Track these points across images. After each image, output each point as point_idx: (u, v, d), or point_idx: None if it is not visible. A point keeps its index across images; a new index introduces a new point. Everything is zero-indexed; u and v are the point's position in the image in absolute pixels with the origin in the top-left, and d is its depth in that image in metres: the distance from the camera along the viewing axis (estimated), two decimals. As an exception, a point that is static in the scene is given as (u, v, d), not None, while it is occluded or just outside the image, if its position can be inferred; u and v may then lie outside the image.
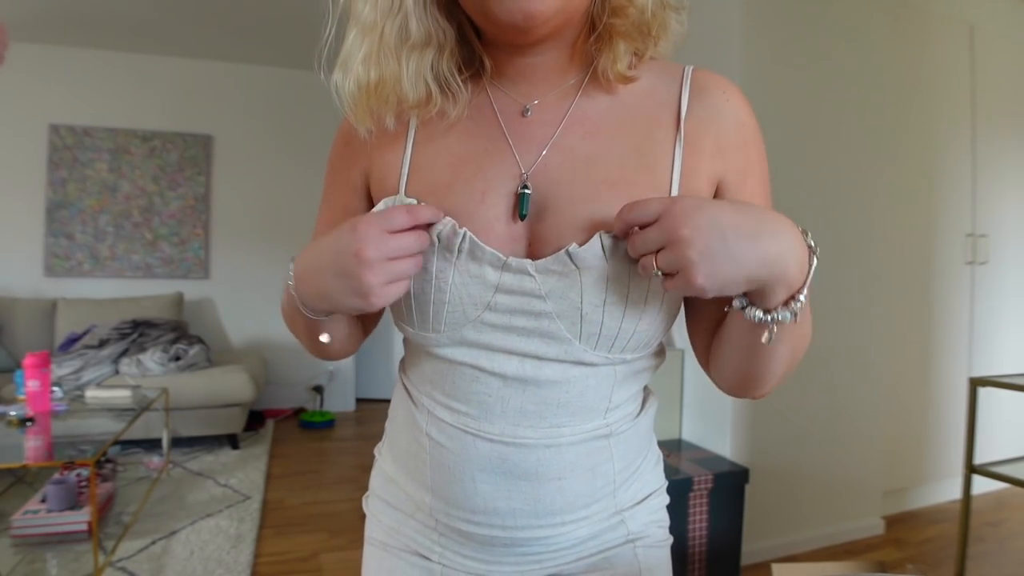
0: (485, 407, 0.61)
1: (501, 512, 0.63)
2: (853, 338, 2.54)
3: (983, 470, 2.00)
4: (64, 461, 2.02)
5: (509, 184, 0.60)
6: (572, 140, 0.61)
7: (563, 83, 0.63)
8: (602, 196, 0.58)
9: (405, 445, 0.69)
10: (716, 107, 0.62)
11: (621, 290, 0.57)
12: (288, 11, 3.67)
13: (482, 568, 0.67)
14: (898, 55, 2.66)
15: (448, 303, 0.59)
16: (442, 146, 0.63)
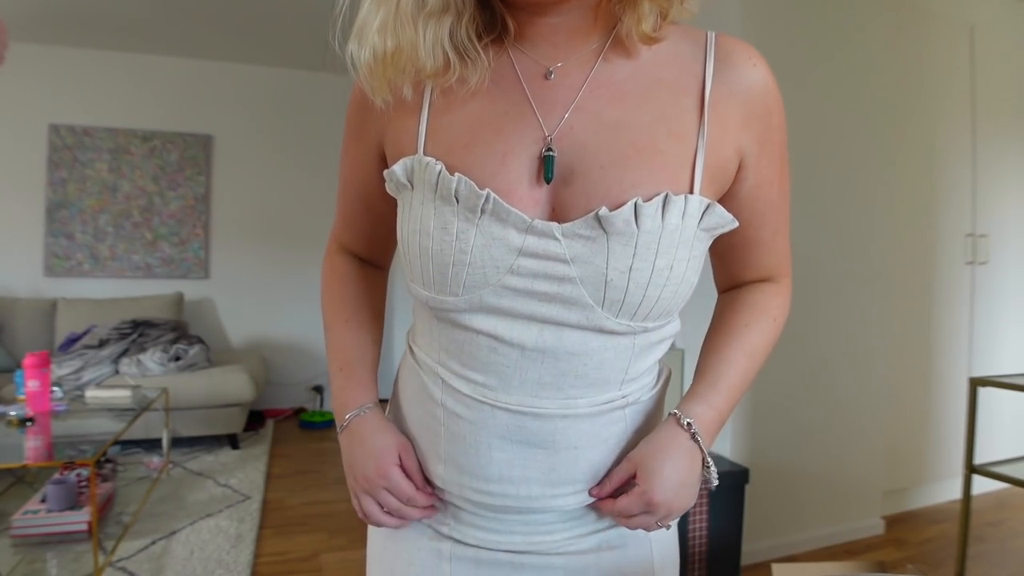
0: (503, 378, 0.61)
1: (516, 480, 0.63)
2: (853, 338, 2.54)
3: (983, 470, 2.00)
4: (64, 461, 2.02)
5: (531, 147, 0.58)
6: (598, 104, 0.59)
7: (587, 46, 0.61)
8: (630, 161, 0.57)
9: (416, 418, 0.68)
10: (743, 76, 0.61)
11: (648, 256, 0.56)
12: (288, 11, 3.68)
13: (492, 539, 0.66)
14: (898, 55, 2.66)
15: (469, 265, 0.57)
16: (461, 109, 0.60)
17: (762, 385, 2.36)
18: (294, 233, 4.68)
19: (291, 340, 4.68)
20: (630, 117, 0.59)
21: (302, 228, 4.71)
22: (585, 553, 0.67)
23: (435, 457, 0.66)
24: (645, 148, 0.58)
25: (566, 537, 0.66)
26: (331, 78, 4.76)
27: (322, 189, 4.75)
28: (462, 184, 0.56)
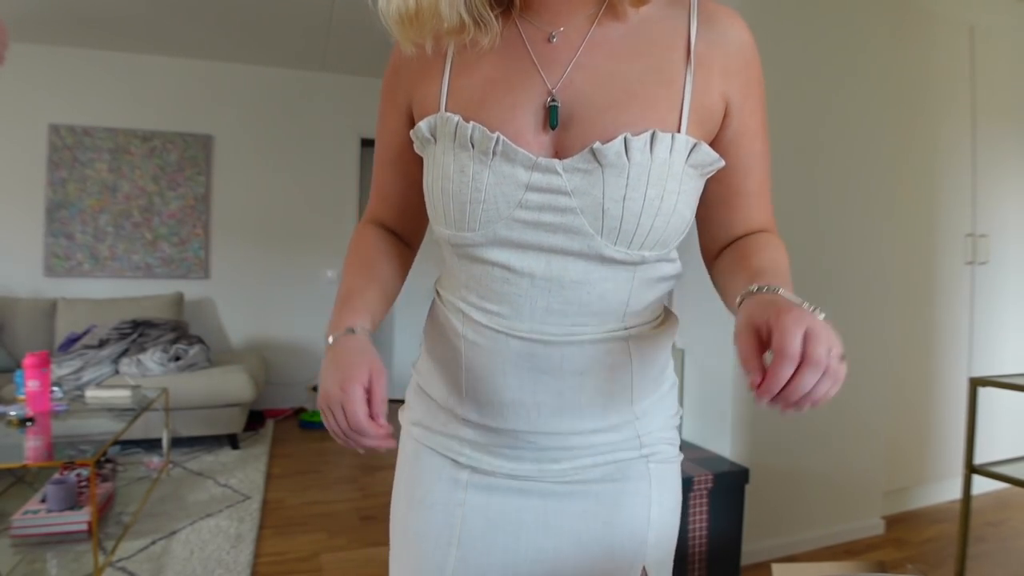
0: (515, 307, 0.67)
1: (527, 405, 0.69)
2: (853, 338, 2.54)
3: (983, 470, 1.99)
4: (64, 461, 2.02)
5: (537, 100, 0.66)
6: (595, 60, 0.67)
7: (583, 12, 0.68)
8: (623, 105, 0.64)
9: (440, 353, 0.76)
10: (724, 32, 0.70)
11: (639, 187, 0.62)
12: (288, 11, 3.68)
13: (506, 465, 0.72)
14: (898, 55, 2.66)
15: (483, 201, 0.65)
16: (476, 71, 0.68)
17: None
18: (294, 233, 4.68)
19: (291, 340, 4.68)
20: (623, 69, 0.66)
21: (302, 228, 4.71)
22: (588, 483, 0.72)
23: (457, 390, 0.73)
24: (637, 94, 0.65)
25: (571, 467, 0.72)
26: (331, 78, 4.77)
27: (322, 189, 4.75)
28: (476, 131, 0.64)
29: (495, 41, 0.67)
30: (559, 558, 0.72)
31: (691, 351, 2.54)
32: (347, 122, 4.80)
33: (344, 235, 4.78)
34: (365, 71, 4.74)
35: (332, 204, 4.77)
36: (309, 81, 4.72)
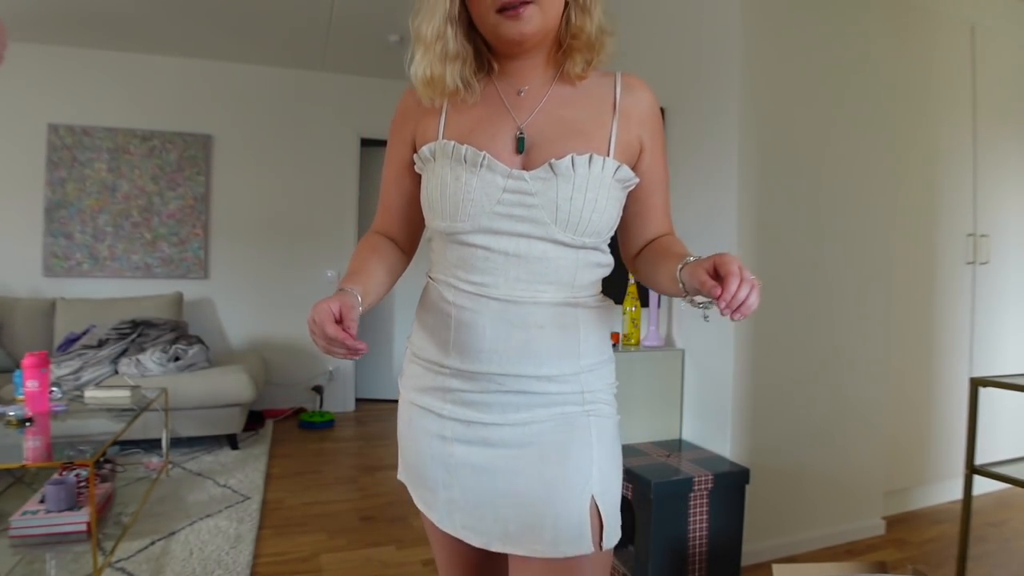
0: (494, 277, 0.91)
1: (500, 351, 0.91)
2: (854, 338, 2.54)
3: (984, 470, 1.99)
4: (63, 461, 2.01)
5: (509, 133, 0.93)
6: (551, 108, 0.94)
7: (540, 78, 0.96)
8: (570, 137, 0.91)
9: (432, 322, 0.98)
10: (638, 96, 0.97)
11: (581, 191, 0.89)
12: (288, 11, 3.67)
13: (478, 415, 0.93)
14: (899, 54, 2.66)
15: (472, 200, 0.90)
16: (465, 115, 0.95)
17: (763, 385, 2.36)
18: (294, 233, 4.68)
19: (290, 340, 4.68)
20: (571, 115, 0.94)
21: (301, 228, 4.70)
22: (543, 434, 0.92)
23: (445, 347, 0.95)
24: (579, 131, 0.92)
25: (529, 416, 0.92)
26: (331, 78, 4.76)
27: (321, 189, 4.74)
28: (468, 150, 0.90)
29: (477, 99, 0.95)
30: (528, 490, 0.91)
31: (691, 351, 2.53)
32: (347, 122, 4.80)
33: (344, 235, 4.78)
34: (365, 71, 4.74)
35: (331, 204, 4.77)
36: (309, 81, 4.72)
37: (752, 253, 2.33)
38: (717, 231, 2.40)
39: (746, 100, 2.31)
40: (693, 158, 2.54)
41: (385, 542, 2.48)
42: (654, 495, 2.03)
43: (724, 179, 2.37)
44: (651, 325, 2.60)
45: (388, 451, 3.82)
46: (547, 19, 0.89)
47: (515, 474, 0.92)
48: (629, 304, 2.63)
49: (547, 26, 0.90)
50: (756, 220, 2.33)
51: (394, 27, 3.91)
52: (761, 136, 2.34)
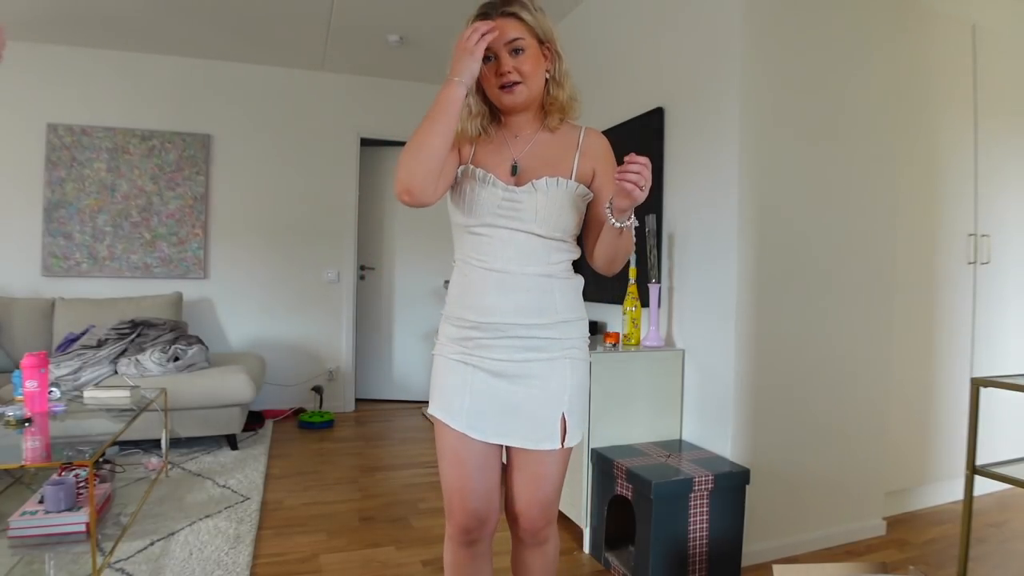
0: (493, 256, 1.34)
1: (501, 309, 1.32)
2: (854, 338, 2.54)
3: (985, 471, 1.99)
4: (62, 462, 2.01)
5: (508, 162, 1.37)
6: (535, 148, 1.39)
7: (531, 128, 1.41)
8: (546, 167, 1.35)
9: (456, 291, 1.39)
10: (593, 141, 1.41)
11: (551, 201, 1.33)
12: (288, 11, 3.67)
13: (490, 356, 1.34)
14: (900, 54, 2.65)
15: (481, 204, 1.33)
16: (483, 148, 1.40)
17: (763, 385, 2.36)
18: (293, 233, 4.67)
19: (290, 340, 4.67)
20: (547, 152, 1.38)
21: (301, 228, 4.70)
22: (533, 371, 1.35)
23: (467, 305, 1.35)
24: (552, 163, 1.36)
25: (524, 358, 1.34)
26: (331, 78, 4.76)
27: (321, 189, 4.74)
28: (480, 172, 1.34)
29: (491, 139, 1.40)
30: (520, 405, 1.35)
31: (691, 351, 2.53)
32: (347, 122, 4.79)
33: (344, 235, 4.77)
34: (365, 71, 4.74)
35: (331, 204, 4.76)
36: (309, 81, 4.71)
37: (752, 253, 2.32)
38: (717, 231, 2.39)
39: (746, 99, 2.31)
40: (693, 158, 2.54)
41: (385, 542, 2.48)
42: (654, 495, 2.02)
43: (724, 178, 2.36)
44: (651, 325, 2.60)
45: (388, 451, 3.81)
46: (532, 93, 1.34)
47: (511, 394, 1.35)
48: (629, 304, 2.63)
49: (532, 97, 1.35)
50: (756, 220, 2.33)
51: (394, 27, 3.90)
52: (761, 135, 2.34)
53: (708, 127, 2.45)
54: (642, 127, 2.83)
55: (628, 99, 3.00)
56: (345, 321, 4.80)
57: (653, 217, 2.68)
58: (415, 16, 3.74)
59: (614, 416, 2.45)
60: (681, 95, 2.63)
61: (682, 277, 2.60)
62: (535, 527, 1.42)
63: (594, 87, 3.35)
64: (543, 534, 1.44)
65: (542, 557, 1.48)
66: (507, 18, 1.29)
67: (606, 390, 2.43)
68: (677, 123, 2.65)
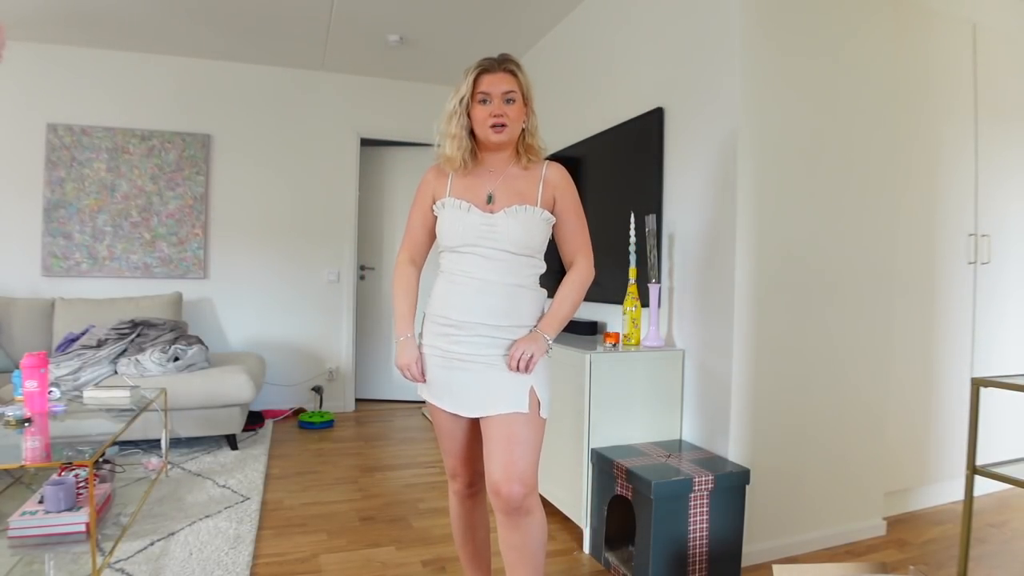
0: (474, 269, 1.60)
1: (477, 310, 1.58)
2: (854, 338, 2.54)
3: (985, 471, 1.98)
4: (62, 462, 2.01)
5: (485, 193, 1.63)
6: (508, 181, 1.64)
7: (505, 165, 1.66)
8: (515, 197, 1.62)
9: (441, 295, 1.64)
10: (553, 173, 1.67)
11: (521, 224, 1.58)
12: (288, 11, 3.67)
13: (460, 350, 1.60)
14: (900, 53, 2.65)
15: (464, 230, 1.59)
16: (461, 181, 1.67)
17: (763, 385, 2.36)
18: (293, 233, 4.67)
19: (290, 340, 4.67)
20: (517, 185, 1.64)
21: (301, 228, 4.70)
22: (500, 361, 1.59)
23: (447, 306, 1.61)
24: (520, 192, 1.63)
25: (491, 352, 1.59)
26: (331, 78, 4.76)
27: (321, 188, 4.74)
28: (462, 203, 1.63)
29: (470, 172, 1.66)
30: (490, 386, 1.59)
31: (691, 351, 2.53)
32: (346, 122, 4.79)
33: (343, 235, 4.77)
34: (365, 71, 4.73)
35: (331, 204, 4.76)
36: (309, 81, 4.71)
37: (752, 253, 2.32)
38: (717, 231, 2.39)
39: (746, 99, 2.31)
40: (693, 158, 2.54)
41: (385, 542, 2.48)
42: (654, 495, 2.02)
43: (724, 179, 2.36)
44: (651, 325, 2.60)
45: (388, 451, 3.81)
46: (513, 135, 1.62)
47: (486, 379, 1.60)
48: (629, 304, 2.63)
49: (512, 139, 1.63)
50: (756, 220, 2.33)
51: (394, 27, 3.90)
52: (761, 136, 2.34)
53: (708, 127, 2.45)
54: (642, 127, 2.83)
55: (628, 99, 3.00)
56: (345, 321, 4.80)
57: (653, 217, 2.68)
58: (415, 16, 3.74)
59: (614, 416, 2.45)
60: (681, 95, 2.63)
61: (682, 277, 2.60)
62: (513, 494, 1.52)
63: (594, 87, 3.35)
64: (526, 504, 1.54)
65: (527, 530, 1.56)
66: (506, 73, 1.60)
67: (606, 390, 2.43)
68: (677, 123, 2.65)
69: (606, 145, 3.14)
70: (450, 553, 2.37)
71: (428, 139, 4.91)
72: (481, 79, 1.59)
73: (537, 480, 1.58)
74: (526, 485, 1.53)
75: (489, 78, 1.58)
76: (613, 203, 3.00)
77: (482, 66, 1.60)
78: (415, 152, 5.04)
